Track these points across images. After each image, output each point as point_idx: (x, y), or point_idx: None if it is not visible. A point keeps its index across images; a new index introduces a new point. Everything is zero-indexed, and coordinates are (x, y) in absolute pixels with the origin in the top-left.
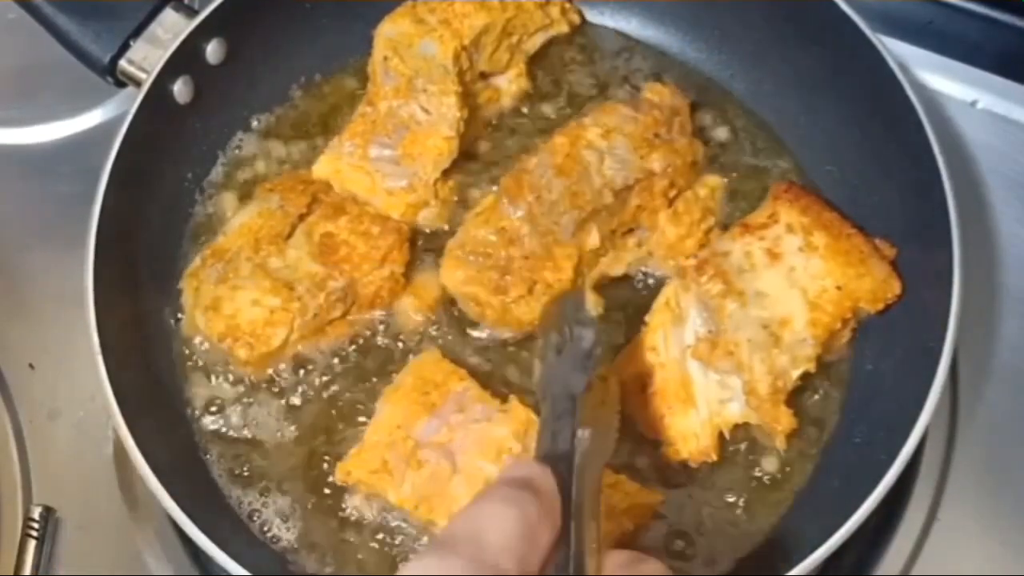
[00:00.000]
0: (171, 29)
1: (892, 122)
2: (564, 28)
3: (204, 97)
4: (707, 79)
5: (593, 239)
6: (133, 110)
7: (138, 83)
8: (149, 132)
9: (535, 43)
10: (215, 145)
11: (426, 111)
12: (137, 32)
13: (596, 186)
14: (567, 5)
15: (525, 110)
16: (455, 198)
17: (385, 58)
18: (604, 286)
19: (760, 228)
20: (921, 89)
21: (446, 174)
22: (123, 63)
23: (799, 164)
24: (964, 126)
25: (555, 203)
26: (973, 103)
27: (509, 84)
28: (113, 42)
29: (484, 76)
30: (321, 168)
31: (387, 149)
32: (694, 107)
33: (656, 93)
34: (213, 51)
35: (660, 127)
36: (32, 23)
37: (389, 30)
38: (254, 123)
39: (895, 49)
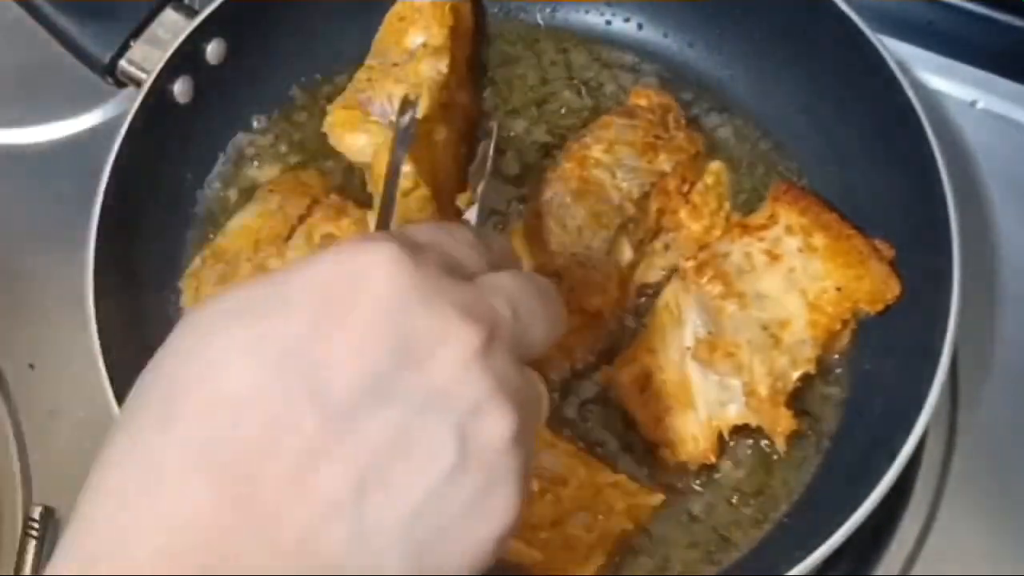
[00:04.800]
0: (171, 29)
1: (892, 122)
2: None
3: (204, 97)
4: (707, 79)
5: (627, 254)
6: (133, 110)
7: (138, 83)
8: (149, 132)
9: None
10: (215, 145)
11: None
12: (137, 32)
13: (616, 201)
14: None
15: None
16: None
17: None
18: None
19: (759, 229)
20: (921, 89)
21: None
22: (123, 63)
23: (799, 164)
24: (964, 126)
25: (581, 228)
26: (973, 103)
27: None
28: (113, 42)
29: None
30: None
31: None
32: (692, 107)
33: (643, 97)
34: (213, 51)
35: (658, 128)
36: (32, 23)
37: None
38: (255, 123)
39: (895, 49)
